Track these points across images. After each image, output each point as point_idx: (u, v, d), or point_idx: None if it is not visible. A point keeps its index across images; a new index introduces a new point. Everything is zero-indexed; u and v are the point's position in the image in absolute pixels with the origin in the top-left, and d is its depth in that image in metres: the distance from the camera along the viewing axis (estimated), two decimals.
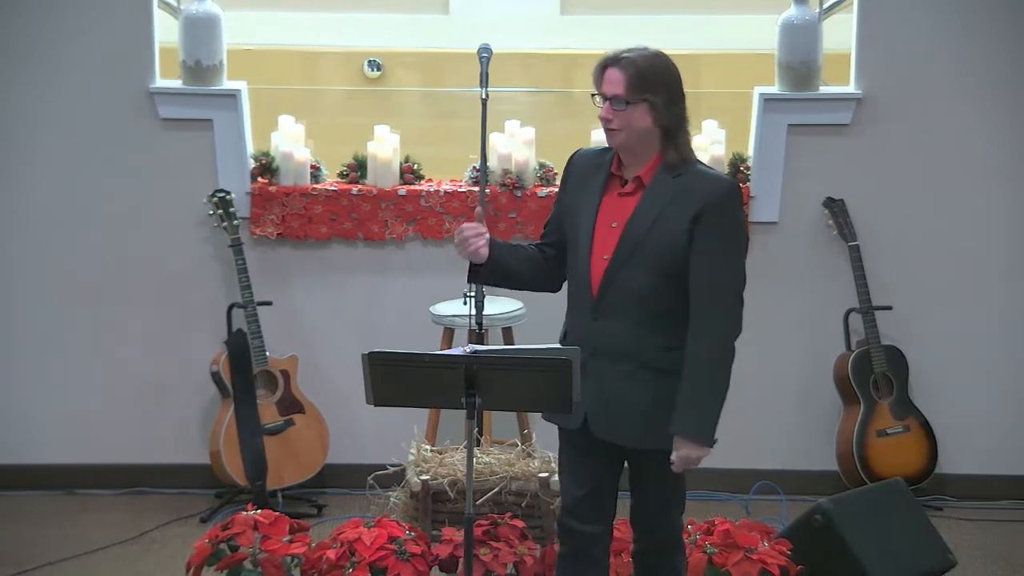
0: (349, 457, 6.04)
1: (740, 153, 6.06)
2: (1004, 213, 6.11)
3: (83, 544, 5.60)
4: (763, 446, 6.20)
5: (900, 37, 6.02)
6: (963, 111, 6.05)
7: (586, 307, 3.92)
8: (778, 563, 4.61)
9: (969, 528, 5.89)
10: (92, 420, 6.15)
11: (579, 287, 3.95)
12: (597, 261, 3.90)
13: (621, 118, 3.86)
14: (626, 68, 3.84)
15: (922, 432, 6.07)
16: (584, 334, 3.92)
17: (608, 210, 3.92)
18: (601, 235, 3.91)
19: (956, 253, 6.13)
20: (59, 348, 6.12)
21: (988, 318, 6.16)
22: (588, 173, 4.01)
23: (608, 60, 3.89)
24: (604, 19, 6.39)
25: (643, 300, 3.86)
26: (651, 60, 3.86)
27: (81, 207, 6.05)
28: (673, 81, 3.88)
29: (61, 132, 6.01)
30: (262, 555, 4.67)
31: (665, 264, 3.84)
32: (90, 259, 6.08)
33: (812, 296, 6.15)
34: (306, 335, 6.14)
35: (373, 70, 6.39)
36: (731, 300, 3.88)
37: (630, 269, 3.86)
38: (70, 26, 5.94)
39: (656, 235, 3.83)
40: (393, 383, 3.72)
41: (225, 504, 5.93)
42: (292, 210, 6.04)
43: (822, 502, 4.87)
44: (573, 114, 6.29)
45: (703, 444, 3.88)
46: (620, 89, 3.85)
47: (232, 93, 6.02)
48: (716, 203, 3.82)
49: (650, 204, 3.86)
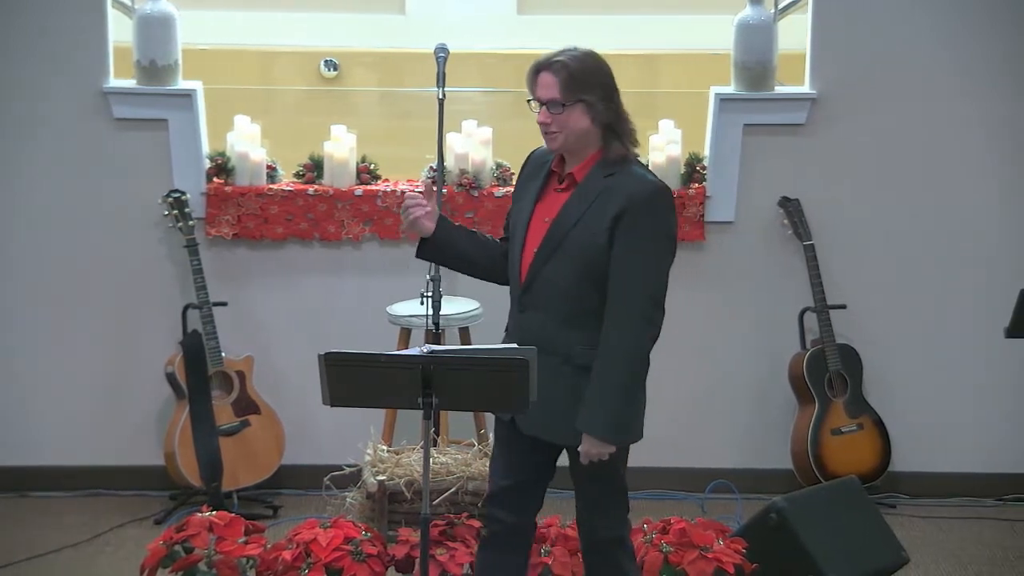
0: (305, 458, 6.02)
1: (696, 153, 6.08)
2: (958, 211, 6.15)
3: (36, 547, 5.56)
4: (718, 445, 6.23)
5: (854, 37, 6.05)
6: (917, 110, 6.09)
7: (516, 299, 4.01)
8: (733, 561, 4.63)
9: (922, 525, 5.93)
10: (45, 421, 6.11)
11: (513, 280, 4.04)
12: (527, 254, 3.98)
13: (559, 121, 3.91)
14: (559, 71, 3.88)
15: (876, 430, 6.11)
16: (513, 326, 4.03)
17: (544, 206, 4.00)
18: (535, 229, 3.98)
19: (910, 252, 6.17)
20: (11, 348, 6.07)
21: (941, 317, 6.20)
22: (535, 170, 4.09)
23: (540, 64, 3.93)
24: (561, 19, 6.40)
25: (566, 297, 3.92)
26: (582, 60, 3.90)
27: (34, 207, 6.01)
28: (606, 78, 3.93)
29: (14, 132, 5.97)
30: (217, 557, 4.65)
31: (587, 263, 3.89)
32: (43, 259, 6.04)
33: (767, 295, 6.18)
34: (262, 336, 6.12)
35: (330, 70, 6.38)
36: (645, 302, 3.89)
37: (554, 264, 3.92)
38: (23, 25, 5.90)
39: (579, 233, 3.90)
40: (349, 383, 3.71)
41: (180, 506, 5.90)
42: (248, 210, 6.02)
43: (777, 501, 4.89)
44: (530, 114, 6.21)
45: (607, 441, 3.93)
46: (555, 92, 3.89)
47: (187, 93, 5.99)
48: (638, 204, 3.86)
49: (577, 202, 3.93)
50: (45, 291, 6.05)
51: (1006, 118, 6.08)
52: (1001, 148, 6.11)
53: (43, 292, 6.05)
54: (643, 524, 4.83)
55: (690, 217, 6.05)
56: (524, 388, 3.63)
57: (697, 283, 6.13)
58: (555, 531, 4.78)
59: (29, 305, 6.05)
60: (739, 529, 4.98)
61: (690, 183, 6.07)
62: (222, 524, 4.74)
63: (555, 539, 4.75)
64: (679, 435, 6.21)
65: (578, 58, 3.90)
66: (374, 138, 6.15)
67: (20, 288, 6.04)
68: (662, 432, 6.19)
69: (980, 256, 6.15)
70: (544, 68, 3.91)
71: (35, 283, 6.04)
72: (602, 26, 6.33)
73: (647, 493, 6.13)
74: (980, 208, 6.14)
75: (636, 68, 6.38)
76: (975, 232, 6.15)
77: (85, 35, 5.92)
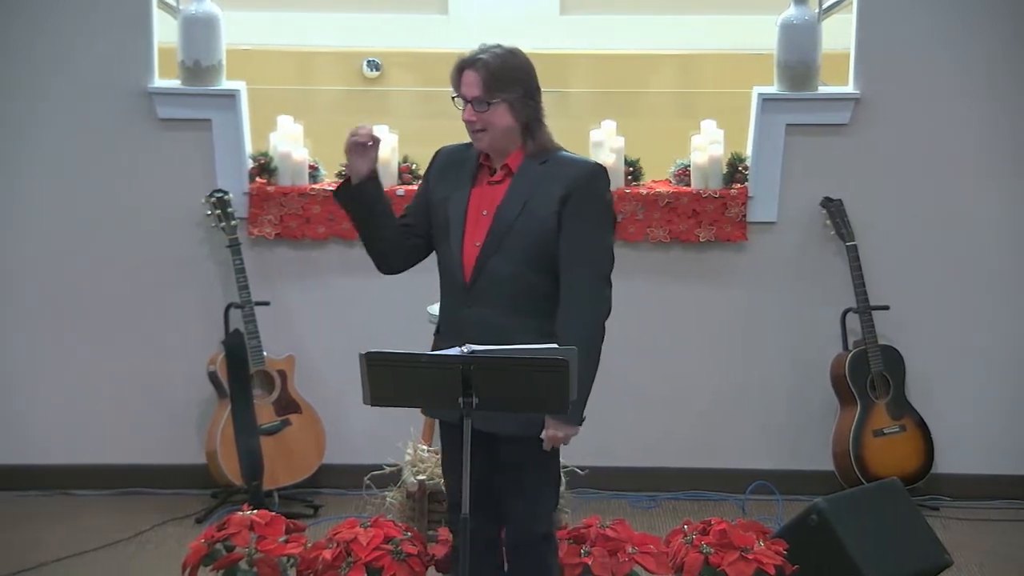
0: (345, 457, 6.03)
1: (738, 153, 6.07)
2: (1002, 213, 6.11)
3: (79, 544, 5.60)
4: (759, 446, 6.21)
5: (899, 37, 6.02)
6: (961, 111, 6.06)
7: (460, 295, 4.00)
8: (774, 563, 4.61)
9: (965, 528, 5.89)
10: (88, 420, 6.15)
11: (452, 276, 4.03)
12: (469, 248, 3.99)
13: (483, 119, 3.94)
14: (480, 70, 3.91)
15: (918, 432, 6.08)
16: (458, 323, 4.00)
17: (479, 198, 4.02)
18: (473, 222, 4.00)
19: (953, 253, 6.13)
20: (56, 349, 6.12)
21: (985, 318, 6.16)
22: (453, 166, 4.09)
23: (464, 63, 3.96)
24: (603, 19, 6.39)
25: (515, 287, 3.94)
26: (504, 59, 3.93)
27: (79, 207, 6.05)
28: (527, 77, 3.96)
29: (60, 132, 6.01)
30: (258, 555, 4.67)
31: (536, 250, 3.93)
32: (88, 259, 6.08)
33: (809, 296, 6.15)
34: (303, 335, 6.14)
35: (372, 70, 6.39)
36: (599, 281, 3.95)
37: (501, 256, 3.94)
38: (69, 26, 5.95)
39: (525, 221, 3.93)
40: (390, 383, 3.72)
41: (221, 504, 5.93)
42: (290, 210, 6.04)
43: (818, 502, 4.86)
44: (571, 114, 6.29)
45: (572, 423, 3.93)
46: (478, 91, 3.92)
47: (231, 93, 6.02)
48: (582, 185, 3.93)
49: (519, 190, 3.96)
50: (89, 290, 6.09)
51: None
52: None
53: (87, 291, 6.09)
54: (683, 525, 4.81)
55: (732, 217, 6.03)
56: (564, 388, 3.63)
57: (739, 283, 6.12)
58: (595, 531, 4.76)
59: (73, 304, 6.09)
60: (780, 530, 4.96)
61: (732, 183, 6.05)
62: (263, 523, 4.75)
63: (595, 539, 4.73)
64: (719, 436, 6.20)
65: (500, 56, 3.93)
66: (416, 138, 6.16)
67: (64, 287, 6.08)
68: (702, 433, 6.22)
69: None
70: (468, 66, 3.94)
71: (79, 282, 6.09)
72: (644, 26, 6.32)
73: (687, 494, 6.13)
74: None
75: (678, 68, 6.38)
76: (1018, 233, 6.11)
77: (130, 36, 5.96)
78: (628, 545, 4.70)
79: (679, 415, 6.20)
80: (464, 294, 4.00)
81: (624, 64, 6.32)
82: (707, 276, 6.14)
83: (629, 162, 6.06)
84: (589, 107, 6.31)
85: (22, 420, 6.14)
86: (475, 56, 3.94)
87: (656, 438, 6.19)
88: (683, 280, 6.15)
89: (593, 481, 5.77)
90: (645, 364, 6.16)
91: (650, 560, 4.68)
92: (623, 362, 6.08)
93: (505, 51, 3.95)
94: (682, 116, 6.30)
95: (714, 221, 6.04)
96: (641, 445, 6.19)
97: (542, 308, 3.96)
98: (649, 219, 6.04)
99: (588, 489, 5.93)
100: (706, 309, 6.16)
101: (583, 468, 5.36)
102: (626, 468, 6.16)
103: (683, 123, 6.21)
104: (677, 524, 4.88)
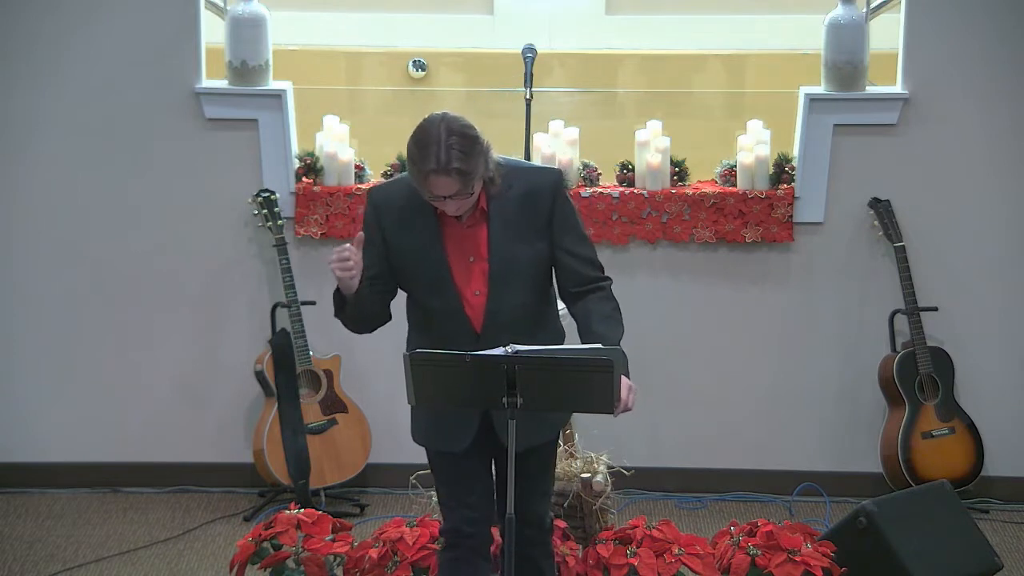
0: (391, 457, 6.04)
1: (785, 153, 6.04)
2: None
3: (126, 542, 5.65)
4: (806, 447, 6.18)
5: (948, 37, 5.98)
6: (1010, 112, 6.00)
7: (468, 340, 3.93)
8: (821, 565, 4.60)
9: (1015, 531, 5.84)
10: (136, 418, 6.18)
11: (454, 324, 3.97)
12: (471, 298, 3.96)
13: (467, 202, 3.88)
14: (453, 174, 3.80)
15: (968, 434, 6.03)
16: None
17: (455, 244, 3.95)
18: (461, 271, 3.95)
19: (1002, 254, 6.08)
20: (108, 347, 6.16)
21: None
22: (407, 212, 3.98)
23: (430, 171, 3.80)
24: (649, 19, 6.36)
25: (524, 315, 3.97)
26: (465, 148, 3.81)
27: (126, 206, 6.09)
28: (482, 147, 3.87)
29: (107, 131, 6.05)
30: (305, 554, 4.69)
31: (534, 278, 3.98)
32: (135, 258, 6.11)
33: (856, 297, 6.12)
34: (348, 335, 6.07)
35: (418, 70, 6.40)
36: (602, 271, 4.06)
37: (506, 298, 3.94)
38: (116, 26, 5.98)
39: (521, 257, 3.94)
40: (434, 383, 3.74)
41: (268, 503, 5.96)
42: (336, 210, 6.05)
43: (866, 504, 4.84)
44: (617, 114, 6.28)
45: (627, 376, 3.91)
46: (456, 189, 3.82)
47: (277, 93, 6.04)
48: (557, 189, 3.98)
49: (502, 230, 3.94)
50: (136, 289, 6.12)
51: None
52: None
53: (134, 290, 6.12)
54: (730, 527, 4.80)
55: (779, 218, 6.01)
56: (608, 389, 3.63)
57: (785, 284, 6.09)
58: (641, 532, 4.76)
59: (120, 302, 6.13)
60: (827, 532, 4.94)
61: (779, 184, 6.03)
62: (310, 522, 4.78)
63: (641, 540, 4.73)
64: (766, 437, 6.18)
65: (464, 151, 3.80)
66: None
67: (111, 285, 6.12)
68: (749, 434, 6.20)
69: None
70: (441, 174, 3.79)
71: (126, 281, 6.12)
72: (690, 25, 6.30)
73: (734, 495, 6.11)
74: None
75: (724, 68, 6.35)
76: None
77: (177, 36, 5.99)
78: (674, 546, 4.70)
79: (725, 416, 6.17)
80: (474, 340, 3.95)
81: (670, 64, 6.30)
82: (753, 277, 6.11)
83: (675, 162, 6.05)
84: (634, 107, 6.29)
85: (73, 418, 6.18)
86: (444, 163, 3.78)
87: (703, 439, 6.17)
88: (729, 281, 6.13)
89: (640, 482, 5.76)
90: (691, 365, 6.14)
91: (696, 561, 4.67)
92: (669, 362, 6.08)
93: (460, 140, 3.82)
94: (728, 116, 6.27)
95: (760, 222, 6.02)
96: (688, 446, 6.17)
97: (545, 319, 4.05)
98: (695, 219, 6.02)
99: (634, 489, 5.92)
100: (752, 310, 6.13)
101: (629, 469, 5.35)
102: (673, 469, 6.15)
103: (729, 123, 6.18)
104: (724, 525, 4.87)
